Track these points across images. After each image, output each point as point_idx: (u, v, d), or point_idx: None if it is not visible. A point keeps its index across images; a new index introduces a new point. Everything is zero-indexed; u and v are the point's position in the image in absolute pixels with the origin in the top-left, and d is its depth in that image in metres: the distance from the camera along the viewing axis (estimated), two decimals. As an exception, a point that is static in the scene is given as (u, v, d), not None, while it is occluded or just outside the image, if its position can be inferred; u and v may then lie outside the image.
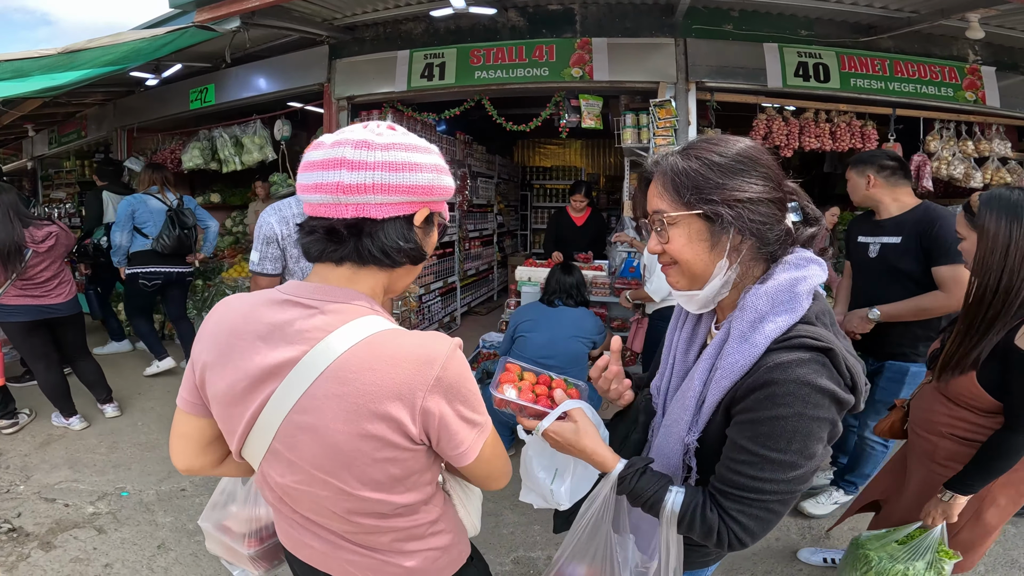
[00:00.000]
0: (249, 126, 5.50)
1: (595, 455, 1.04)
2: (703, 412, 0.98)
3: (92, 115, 6.82)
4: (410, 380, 0.84)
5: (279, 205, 2.41)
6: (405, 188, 0.87)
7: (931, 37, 4.18)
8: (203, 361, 0.93)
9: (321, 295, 0.90)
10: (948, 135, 4.37)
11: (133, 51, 3.55)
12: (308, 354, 0.85)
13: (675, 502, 0.96)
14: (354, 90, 4.77)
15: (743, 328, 0.93)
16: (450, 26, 4.47)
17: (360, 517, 0.93)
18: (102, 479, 3.17)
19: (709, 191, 0.93)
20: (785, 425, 0.85)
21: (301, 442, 0.87)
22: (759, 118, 4.28)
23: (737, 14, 4.13)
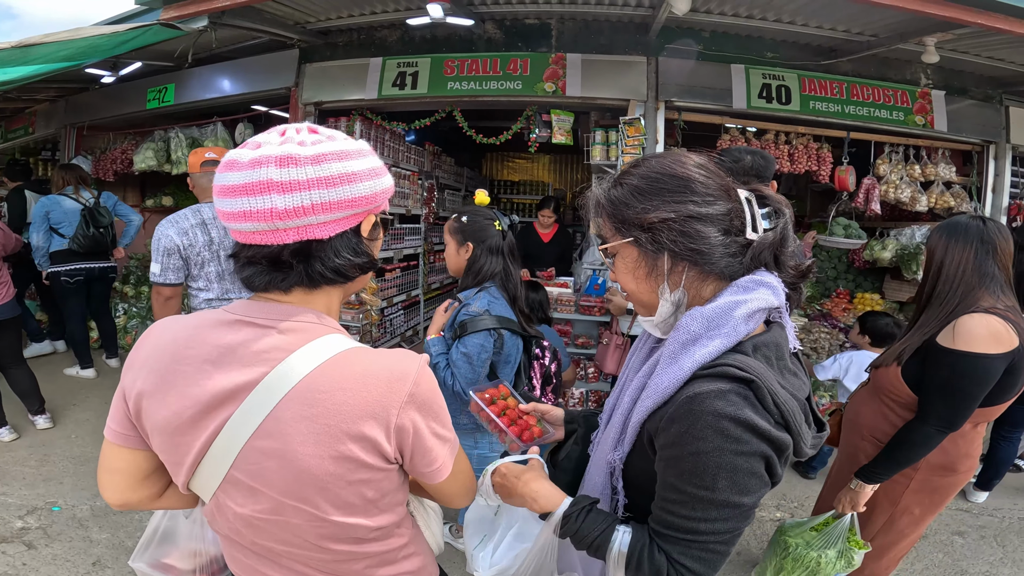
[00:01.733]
0: (209, 128, 5.32)
1: (540, 495, 1.01)
2: (628, 432, 0.94)
3: (41, 111, 6.50)
4: (383, 398, 0.81)
5: (175, 217, 2.62)
6: (348, 202, 0.82)
7: (887, 61, 4.38)
8: (139, 390, 0.85)
9: (276, 314, 0.85)
10: (897, 159, 4.59)
11: (90, 47, 3.39)
12: (268, 376, 0.80)
13: (623, 542, 0.90)
14: (323, 96, 4.69)
15: (673, 349, 0.89)
16: (425, 35, 4.47)
17: (335, 543, 0.88)
18: (32, 493, 3.05)
19: (632, 216, 0.91)
20: (707, 461, 0.81)
21: (267, 468, 0.82)
22: (723, 138, 4.41)
23: (708, 34, 4.27)
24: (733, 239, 0.91)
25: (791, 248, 0.95)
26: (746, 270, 0.92)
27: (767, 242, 0.92)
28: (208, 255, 2.66)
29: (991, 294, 1.69)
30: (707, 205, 0.89)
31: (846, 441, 2.02)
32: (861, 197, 4.53)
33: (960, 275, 1.71)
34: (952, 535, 2.99)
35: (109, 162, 5.82)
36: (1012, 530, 3.05)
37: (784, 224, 0.94)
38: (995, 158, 4.58)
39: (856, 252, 5.23)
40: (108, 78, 5.18)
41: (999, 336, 1.61)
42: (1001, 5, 2.84)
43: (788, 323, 0.96)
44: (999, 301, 1.68)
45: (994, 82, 4.52)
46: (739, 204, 0.92)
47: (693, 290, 0.93)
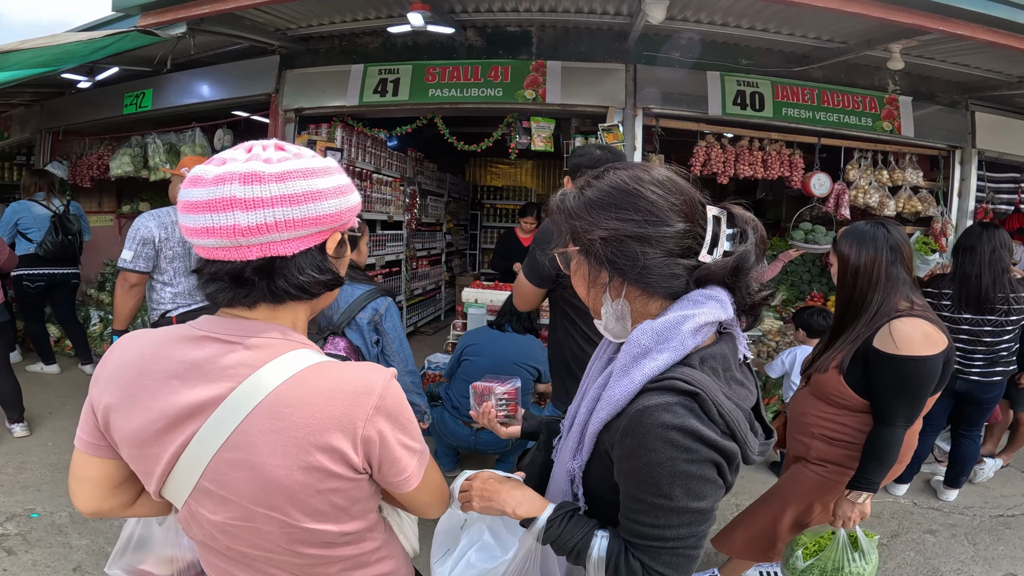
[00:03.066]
0: (187, 133, 5.29)
1: (524, 501, 1.03)
2: (586, 441, 0.96)
3: (16, 116, 6.42)
4: (349, 411, 0.82)
5: (156, 212, 2.83)
6: (312, 220, 0.83)
7: (856, 67, 4.48)
8: (105, 403, 0.86)
9: (241, 330, 0.85)
10: (866, 164, 4.71)
11: (67, 53, 3.36)
12: (236, 391, 0.82)
13: (600, 547, 0.92)
14: (303, 102, 4.70)
15: (625, 362, 0.90)
16: (407, 42, 4.49)
17: (307, 547, 0.89)
18: (9, 500, 3.02)
19: (580, 226, 0.94)
20: (661, 471, 0.83)
21: (235, 479, 0.83)
22: (699, 145, 4.49)
23: (685, 42, 4.34)
24: (677, 260, 0.91)
25: (752, 272, 0.94)
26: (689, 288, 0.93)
27: (716, 267, 0.92)
28: (181, 251, 2.85)
29: (904, 297, 1.83)
30: (651, 226, 0.89)
31: (794, 440, 2.10)
32: (832, 202, 4.63)
33: (876, 281, 1.83)
34: (924, 533, 3.05)
35: (85, 167, 5.74)
36: (983, 528, 3.12)
37: (742, 253, 0.92)
38: (961, 163, 4.72)
39: (828, 256, 5.32)
40: (85, 83, 5.14)
41: (932, 338, 1.75)
42: (962, 11, 2.93)
43: (739, 333, 0.98)
44: (912, 303, 1.82)
45: (960, 88, 4.65)
46: (698, 225, 0.92)
47: (638, 304, 0.95)
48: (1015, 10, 2.94)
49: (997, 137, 4.73)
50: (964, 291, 2.99)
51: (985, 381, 3.07)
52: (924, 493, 3.49)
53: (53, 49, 3.18)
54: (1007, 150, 4.78)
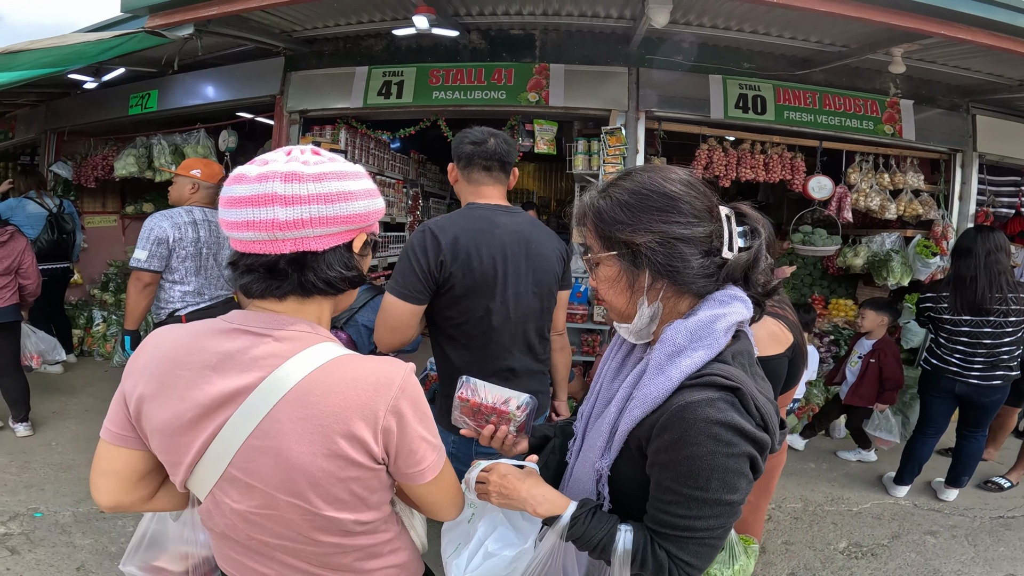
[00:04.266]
0: (192, 135, 5.32)
1: (545, 498, 1.02)
2: (615, 440, 0.97)
3: (22, 115, 6.44)
4: (371, 401, 0.87)
5: (169, 212, 2.91)
6: (343, 218, 0.89)
7: (858, 71, 4.48)
8: (140, 393, 0.90)
9: (272, 323, 0.91)
10: (867, 167, 4.72)
11: (75, 54, 3.39)
12: (265, 380, 0.86)
13: (626, 540, 0.94)
14: (308, 104, 4.73)
15: (660, 360, 0.93)
16: (411, 44, 4.52)
17: (325, 536, 0.93)
18: (13, 499, 3.03)
19: (620, 231, 0.94)
20: (702, 464, 0.86)
21: (262, 466, 0.87)
22: (701, 148, 4.51)
23: (687, 45, 4.37)
24: (711, 260, 0.95)
25: (763, 267, 0.99)
26: (718, 287, 0.97)
27: (740, 263, 0.96)
28: (192, 251, 2.93)
29: None
30: (691, 227, 0.93)
31: None
32: (833, 205, 4.65)
33: None
34: (924, 535, 3.06)
35: (90, 168, 5.77)
36: (984, 529, 3.13)
37: (759, 246, 0.98)
38: (962, 166, 4.73)
39: (830, 259, 5.34)
40: (91, 84, 5.17)
41: (776, 336, 1.78)
42: (962, 16, 2.94)
43: (750, 332, 1.02)
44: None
45: (961, 91, 4.67)
46: (720, 224, 0.95)
47: (670, 304, 0.98)
48: (1016, 14, 2.96)
49: (998, 140, 4.74)
50: (961, 294, 3.01)
51: (985, 384, 3.08)
52: (925, 495, 3.50)
53: (62, 49, 3.21)
54: (1008, 153, 4.79)
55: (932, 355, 3.27)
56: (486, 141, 1.88)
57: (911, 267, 4.66)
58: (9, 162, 7.15)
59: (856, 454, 4.03)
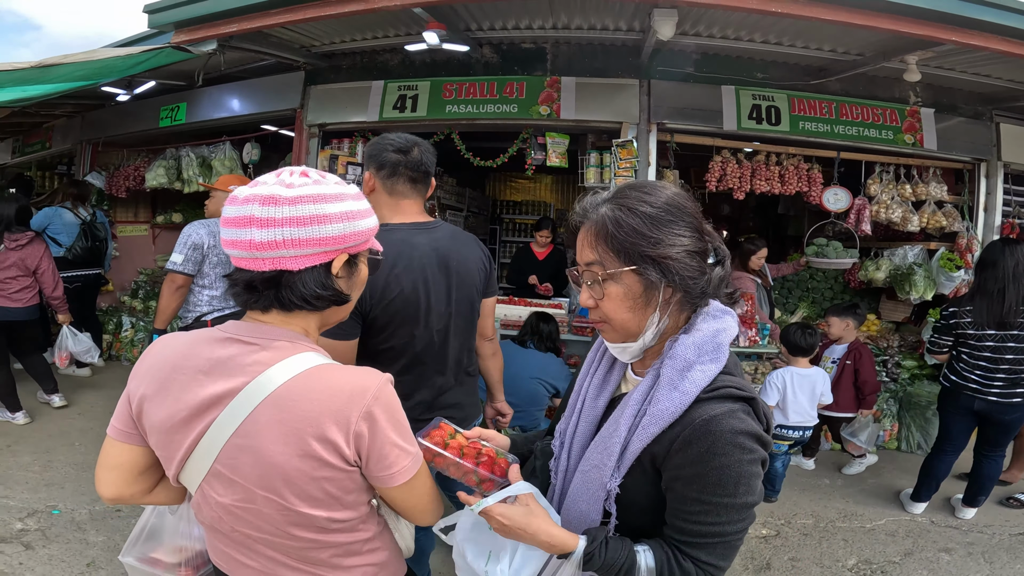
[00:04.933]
0: (218, 147, 5.51)
1: (551, 538, 0.99)
2: (626, 458, 0.97)
3: (59, 126, 6.74)
4: (345, 407, 0.92)
5: (206, 221, 3.11)
6: (316, 240, 0.94)
7: (875, 79, 4.41)
8: (141, 394, 0.99)
9: (260, 333, 0.98)
10: (888, 178, 4.62)
11: (106, 67, 3.59)
12: (249, 385, 0.93)
13: (647, 560, 0.96)
14: (326, 117, 4.86)
15: (672, 376, 0.95)
16: (425, 59, 4.62)
17: (301, 531, 0.97)
18: (33, 497, 3.12)
19: (644, 246, 0.93)
20: (729, 473, 0.90)
21: (243, 463, 0.94)
22: (715, 160, 4.49)
23: (699, 56, 4.37)
24: (716, 272, 0.99)
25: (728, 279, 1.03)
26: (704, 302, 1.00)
27: (725, 275, 1.00)
28: (224, 258, 3.11)
29: None
30: (701, 241, 0.97)
31: None
32: (852, 217, 4.56)
33: None
34: (939, 552, 2.97)
35: (122, 179, 6.01)
36: (1002, 547, 3.03)
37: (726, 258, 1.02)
38: (987, 176, 4.61)
39: (851, 273, 5.24)
40: (123, 96, 5.41)
41: None
42: (974, 22, 2.90)
43: None
44: None
45: (984, 99, 4.56)
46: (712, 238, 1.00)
47: (673, 318, 1.00)
48: None
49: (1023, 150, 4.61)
50: (988, 307, 2.94)
51: (1005, 402, 3.00)
52: (943, 511, 3.40)
53: (93, 64, 3.40)
54: (1034, 163, 4.63)
55: (952, 371, 3.19)
56: (411, 150, 1.81)
57: (935, 281, 4.54)
58: (46, 171, 7.50)
59: (860, 464, 3.92)
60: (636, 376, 1.08)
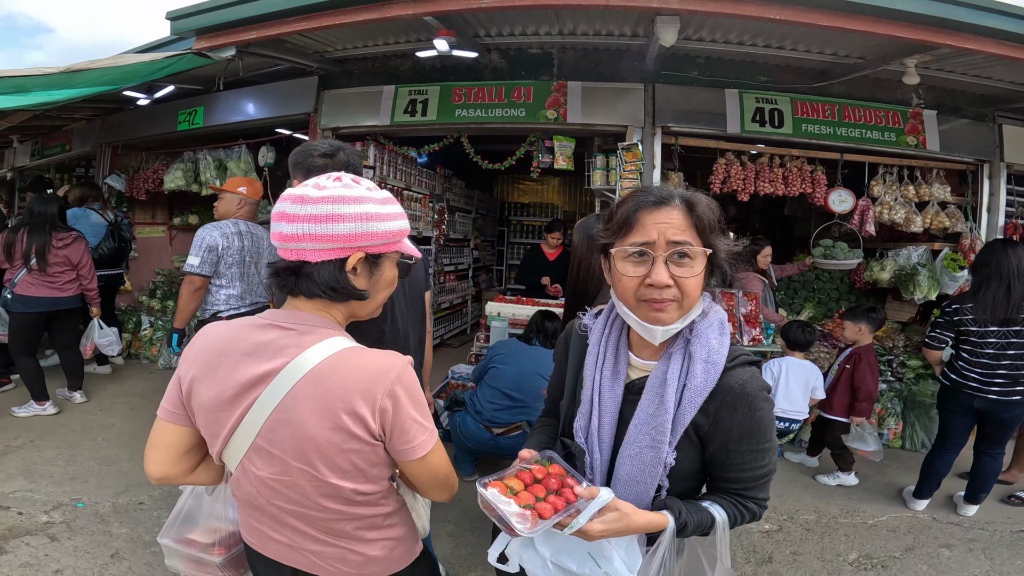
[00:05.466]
0: (234, 150, 5.64)
1: (648, 525, 1.08)
2: (677, 430, 1.10)
3: (78, 130, 6.87)
4: (371, 384, 1.03)
5: (219, 224, 3.23)
6: (330, 237, 1.05)
7: (878, 82, 4.44)
8: (191, 376, 1.10)
9: (296, 320, 1.10)
10: (891, 180, 4.66)
11: (130, 73, 3.73)
12: (288, 365, 1.04)
13: (720, 514, 1.13)
14: (339, 121, 4.98)
15: (703, 354, 1.09)
16: (435, 64, 4.72)
17: (329, 501, 1.08)
18: (58, 490, 3.19)
19: (717, 233, 1.09)
20: (766, 422, 1.10)
21: (282, 436, 1.05)
22: (719, 162, 4.55)
23: (702, 60, 4.44)
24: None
25: None
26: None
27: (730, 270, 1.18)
28: (238, 258, 3.23)
29: None
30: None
31: None
32: (856, 219, 4.61)
33: (591, 271, 1.97)
34: (939, 548, 3.01)
35: (141, 181, 6.16)
36: (1002, 543, 3.06)
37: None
38: (990, 177, 4.64)
39: (856, 273, 5.28)
40: (143, 100, 5.54)
41: None
42: (969, 26, 2.95)
43: None
44: None
45: (986, 100, 4.59)
46: None
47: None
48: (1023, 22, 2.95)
49: (1027, 151, 4.62)
50: (993, 304, 2.98)
51: (1005, 400, 3.04)
52: (944, 509, 3.43)
53: (119, 69, 3.54)
54: (1038, 164, 4.65)
55: (952, 370, 3.24)
56: (336, 153, 1.82)
57: (939, 281, 4.58)
58: (64, 174, 7.66)
59: (835, 478, 3.74)
60: (642, 361, 1.19)
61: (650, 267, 1.05)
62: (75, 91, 3.63)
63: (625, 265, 1.08)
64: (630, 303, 1.10)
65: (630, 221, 1.08)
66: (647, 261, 1.06)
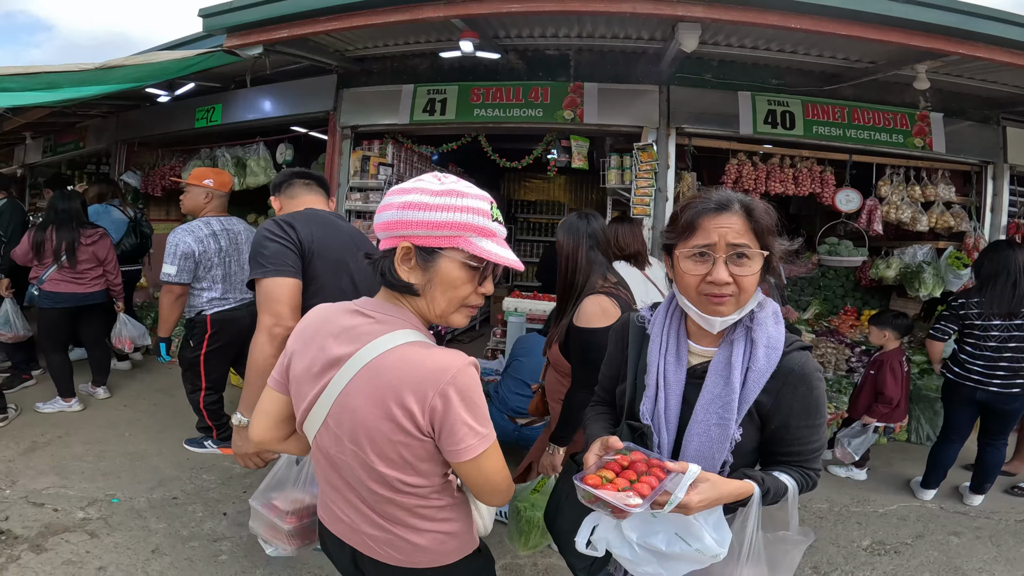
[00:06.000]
0: (252, 148, 5.70)
1: (738, 493, 1.15)
2: (742, 409, 1.19)
3: (93, 126, 6.89)
4: (424, 381, 1.04)
5: (190, 227, 3.11)
6: (382, 224, 1.11)
7: (887, 85, 4.52)
8: (293, 349, 1.21)
9: (378, 309, 1.14)
10: (898, 180, 4.77)
11: (160, 70, 3.80)
12: (359, 351, 1.09)
13: (791, 483, 1.22)
14: (358, 120, 5.05)
15: (764, 340, 1.20)
16: (453, 64, 4.78)
17: (376, 486, 1.13)
18: (91, 486, 3.18)
19: (773, 235, 1.19)
20: (822, 399, 1.23)
21: (343, 418, 1.11)
22: (731, 163, 4.65)
23: (716, 63, 4.53)
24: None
25: None
26: None
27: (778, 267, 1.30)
28: (217, 260, 3.16)
29: (601, 275, 2.13)
30: None
31: (551, 409, 2.38)
32: (864, 218, 4.72)
33: (578, 264, 2.13)
34: (948, 535, 3.13)
35: (158, 178, 6.21)
36: (1008, 531, 3.18)
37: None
38: (993, 178, 4.75)
39: (862, 271, 5.40)
40: (164, 97, 5.60)
41: (608, 311, 2.01)
42: (979, 35, 3.05)
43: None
44: (606, 280, 2.12)
45: (991, 103, 4.69)
46: None
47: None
48: None
49: (1030, 152, 4.73)
50: (1000, 298, 3.10)
51: (1006, 392, 3.16)
52: (951, 498, 3.56)
53: (150, 66, 3.62)
54: (1041, 165, 4.77)
55: (955, 363, 3.35)
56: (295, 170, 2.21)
57: (943, 279, 4.69)
58: (76, 170, 7.67)
59: (847, 470, 3.85)
60: (701, 348, 1.29)
61: (711, 266, 1.15)
62: (104, 87, 3.68)
63: (688, 264, 1.19)
64: (691, 297, 1.21)
65: (693, 225, 1.18)
66: (708, 261, 1.16)
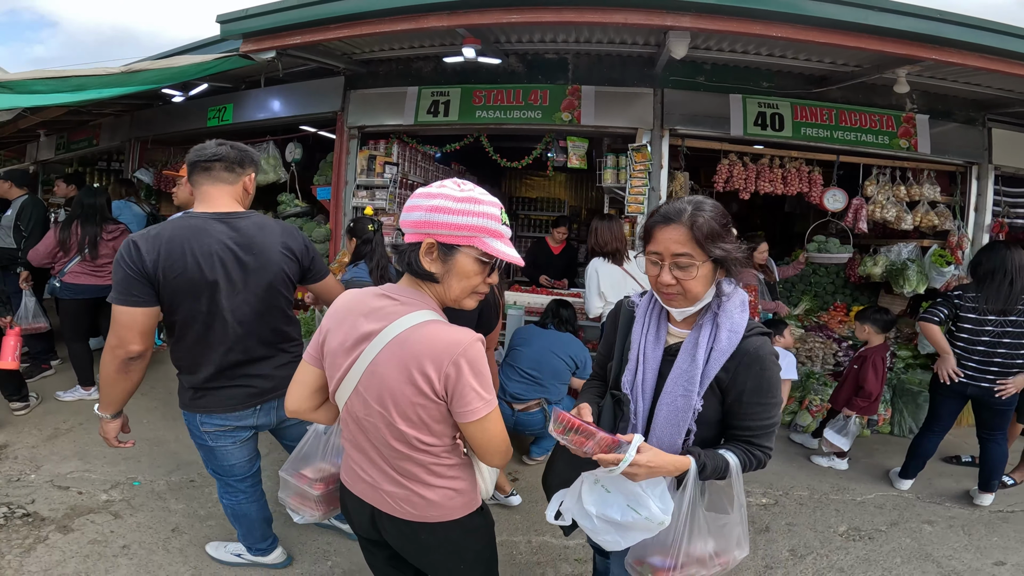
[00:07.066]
0: (261, 147, 5.86)
1: (675, 465, 1.32)
2: (704, 382, 1.37)
3: (106, 124, 7.06)
4: (441, 352, 1.24)
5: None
6: (410, 223, 1.30)
7: (874, 88, 4.66)
8: (327, 327, 1.40)
9: (401, 293, 1.34)
10: (884, 180, 4.90)
11: (180, 72, 4.00)
12: (386, 328, 1.29)
13: (732, 459, 1.36)
14: (365, 120, 5.22)
15: (727, 324, 1.37)
16: (456, 67, 4.96)
17: (396, 442, 1.32)
18: (114, 470, 3.33)
19: (719, 242, 1.32)
20: (774, 380, 1.38)
21: (372, 385, 1.30)
22: (722, 163, 4.81)
23: (708, 67, 4.69)
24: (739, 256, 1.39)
25: None
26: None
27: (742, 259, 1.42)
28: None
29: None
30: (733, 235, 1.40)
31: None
32: (850, 217, 4.87)
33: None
34: (922, 523, 3.22)
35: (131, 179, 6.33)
36: (981, 522, 3.26)
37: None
38: (978, 178, 4.89)
39: (851, 268, 5.55)
40: (178, 97, 5.80)
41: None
42: (954, 41, 3.18)
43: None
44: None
45: (976, 105, 4.82)
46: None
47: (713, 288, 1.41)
48: (1005, 37, 3.18)
49: (1014, 153, 4.88)
50: (996, 294, 3.17)
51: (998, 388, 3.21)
52: (928, 489, 3.62)
53: (172, 69, 3.83)
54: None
55: None
56: (207, 147, 1.99)
57: (927, 276, 4.83)
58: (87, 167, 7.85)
59: (829, 460, 3.95)
60: (679, 330, 1.49)
61: (659, 270, 1.38)
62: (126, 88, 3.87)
63: (647, 265, 1.43)
64: (655, 291, 1.46)
65: (649, 234, 1.41)
66: (658, 265, 1.38)
